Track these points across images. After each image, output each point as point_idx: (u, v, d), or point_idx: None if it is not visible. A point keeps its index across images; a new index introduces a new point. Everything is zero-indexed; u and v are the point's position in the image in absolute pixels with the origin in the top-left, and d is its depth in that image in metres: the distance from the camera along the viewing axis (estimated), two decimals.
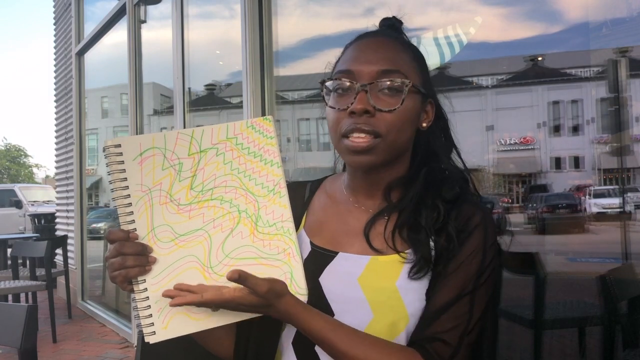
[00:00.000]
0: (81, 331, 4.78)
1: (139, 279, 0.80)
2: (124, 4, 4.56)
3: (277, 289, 0.77)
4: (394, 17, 0.98)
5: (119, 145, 0.80)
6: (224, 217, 0.83)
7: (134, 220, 0.80)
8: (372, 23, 1.00)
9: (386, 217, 0.91)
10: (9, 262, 5.12)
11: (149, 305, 0.80)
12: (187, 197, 0.82)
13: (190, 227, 0.82)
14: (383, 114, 0.85)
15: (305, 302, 0.83)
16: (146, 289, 0.80)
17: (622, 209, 6.58)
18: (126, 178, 0.80)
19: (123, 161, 0.80)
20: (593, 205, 8.79)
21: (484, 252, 0.86)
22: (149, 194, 0.80)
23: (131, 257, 0.79)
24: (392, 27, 0.97)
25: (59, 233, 6.77)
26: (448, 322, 0.82)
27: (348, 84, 0.87)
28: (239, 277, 0.73)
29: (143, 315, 0.80)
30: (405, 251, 0.86)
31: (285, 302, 0.78)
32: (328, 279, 0.88)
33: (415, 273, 0.84)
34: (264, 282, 0.75)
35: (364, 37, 0.93)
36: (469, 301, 0.84)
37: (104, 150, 0.80)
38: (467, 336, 0.82)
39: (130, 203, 0.80)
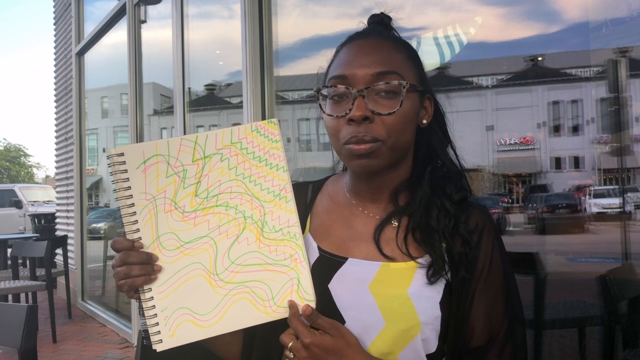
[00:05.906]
0: (81, 331, 4.78)
1: (145, 287, 0.80)
2: (124, 4, 4.56)
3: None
4: (382, 13, 0.95)
5: (122, 154, 0.79)
6: (230, 224, 0.82)
7: (138, 228, 0.80)
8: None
9: (395, 223, 0.89)
10: (9, 262, 5.12)
11: (156, 314, 0.80)
12: (192, 204, 0.81)
13: (195, 235, 0.81)
14: (382, 118, 0.82)
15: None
16: (152, 297, 0.80)
17: (622, 209, 6.58)
18: (130, 187, 0.79)
19: (126, 170, 0.79)
20: (593, 205, 8.80)
21: (500, 253, 0.88)
22: (154, 202, 0.80)
23: (136, 267, 0.79)
24: (381, 24, 0.94)
25: (59, 233, 6.77)
26: (500, 349, 0.86)
27: (344, 90, 0.84)
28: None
29: (150, 323, 0.79)
30: (419, 259, 0.85)
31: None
32: (338, 286, 0.86)
33: (432, 276, 0.83)
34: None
35: (354, 39, 0.90)
36: (507, 317, 0.87)
37: (107, 159, 0.80)
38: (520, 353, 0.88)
39: (135, 212, 0.80)
